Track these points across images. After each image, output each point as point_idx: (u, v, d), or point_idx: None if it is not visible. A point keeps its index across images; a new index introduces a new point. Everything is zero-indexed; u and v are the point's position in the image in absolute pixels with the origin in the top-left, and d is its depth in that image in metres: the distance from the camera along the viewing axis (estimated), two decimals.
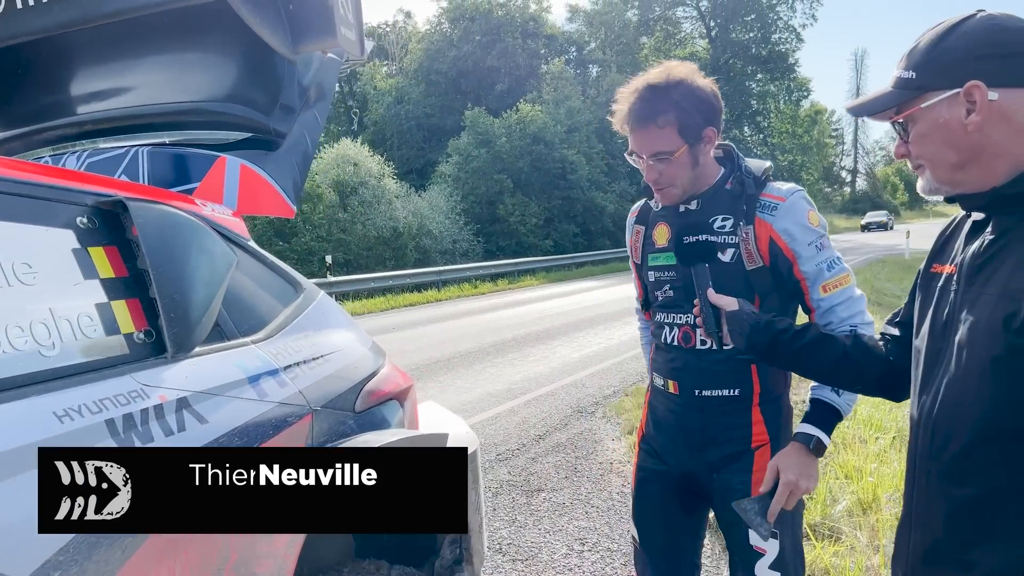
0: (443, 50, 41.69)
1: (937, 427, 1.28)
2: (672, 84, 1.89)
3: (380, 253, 25.10)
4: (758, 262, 1.93)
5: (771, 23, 52.52)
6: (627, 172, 37.22)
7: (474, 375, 8.65)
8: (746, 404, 2.00)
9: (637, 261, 2.21)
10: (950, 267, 1.36)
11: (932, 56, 1.27)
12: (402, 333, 12.66)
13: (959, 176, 1.29)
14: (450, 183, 31.36)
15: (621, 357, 9.55)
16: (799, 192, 1.96)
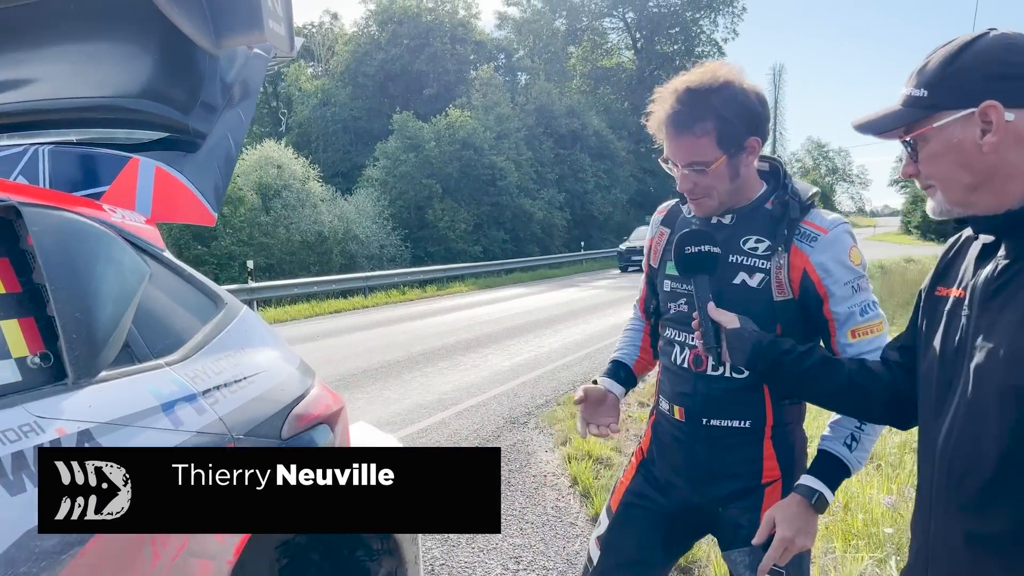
0: (371, 53, 41.14)
1: (955, 459, 1.23)
2: (714, 89, 1.73)
3: (304, 258, 24.52)
4: (788, 294, 1.78)
5: (695, 36, 53.77)
6: (555, 180, 37.51)
7: (403, 385, 8.44)
8: (757, 436, 1.86)
9: (653, 264, 2.06)
10: (957, 291, 1.32)
11: (945, 74, 1.23)
12: (327, 341, 12.32)
13: (972, 198, 1.26)
14: (377, 187, 30.92)
15: (553, 365, 9.50)
16: (844, 225, 1.79)
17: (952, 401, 1.25)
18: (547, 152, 38.06)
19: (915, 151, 1.30)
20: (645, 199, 49.26)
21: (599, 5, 53.84)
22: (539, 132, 37.96)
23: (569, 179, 39.03)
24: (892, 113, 1.31)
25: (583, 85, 51.08)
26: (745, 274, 1.80)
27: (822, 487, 1.71)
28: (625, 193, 44.42)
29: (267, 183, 24.97)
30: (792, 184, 1.87)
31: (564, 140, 39.72)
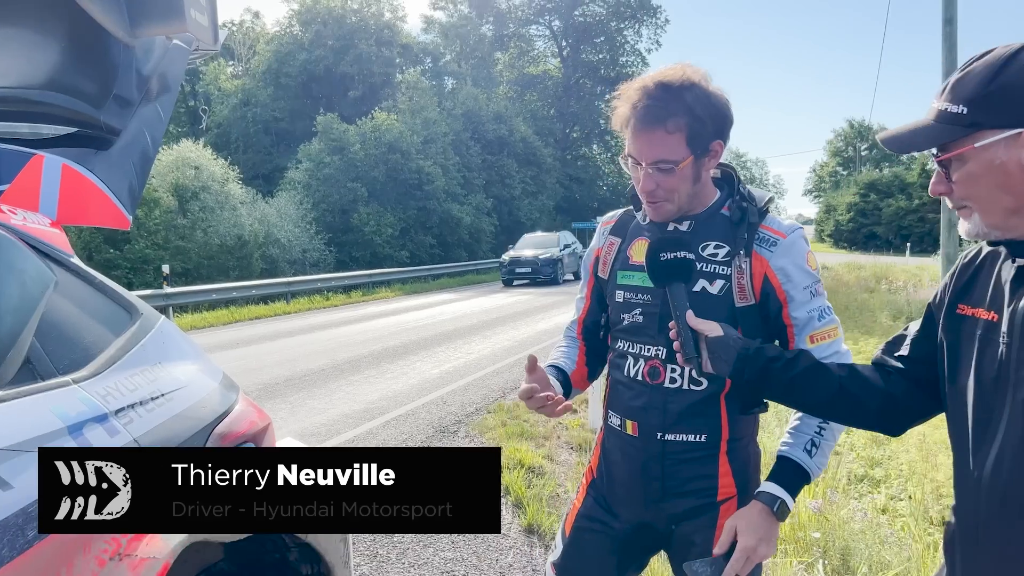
0: (293, 53, 40.29)
1: (1011, 491, 1.17)
2: (686, 86, 1.68)
3: (223, 262, 23.75)
4: (750, 299, 1.74)
5: (619, 46, 54.64)
6: (483, 185, 37.49)
7: (327, 394, 8.20)
8: (713, 451, 1.80)
9: (603, 275, 1.97)
10: (989, 313, 1.27)
11: (988, 92, 1.16)
12: (247, 349, 11.92)
13: (1012, 221, 1.20)
14: (300, 190, 30.25)
15: (482, 372, 9.40)
16: (800, 229, 1.78)
17: (998, 431, 1.20)
18: (474, 157, 38.01)
19: (947, 168, 1.24)
20: (571, 206, 49.77)
21: (525, 12, 54.18)
22: (466, 137, 37.88)
23: (496, 185, 39.09)
24: (926, 129, 1.24)
25: (510, 91, 51.26)
26: (705, 281, 1.75)
27: (784, 494, 1.68)
28: (552, 199, 44.78)
29: (184, 184, 24.09)
30: (748, 189, 1.84)
31: (491, 146, 39.76)
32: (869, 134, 78.63)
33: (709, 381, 1.76)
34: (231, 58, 44.97)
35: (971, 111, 1.17)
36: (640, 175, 1.74)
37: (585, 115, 53.45)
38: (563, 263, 25.93)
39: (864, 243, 51.21)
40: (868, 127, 78.10)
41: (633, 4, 53.46)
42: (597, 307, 2.04)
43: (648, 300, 1.82)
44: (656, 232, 1.85)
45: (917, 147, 1.26)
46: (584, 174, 52.65)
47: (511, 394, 8.12)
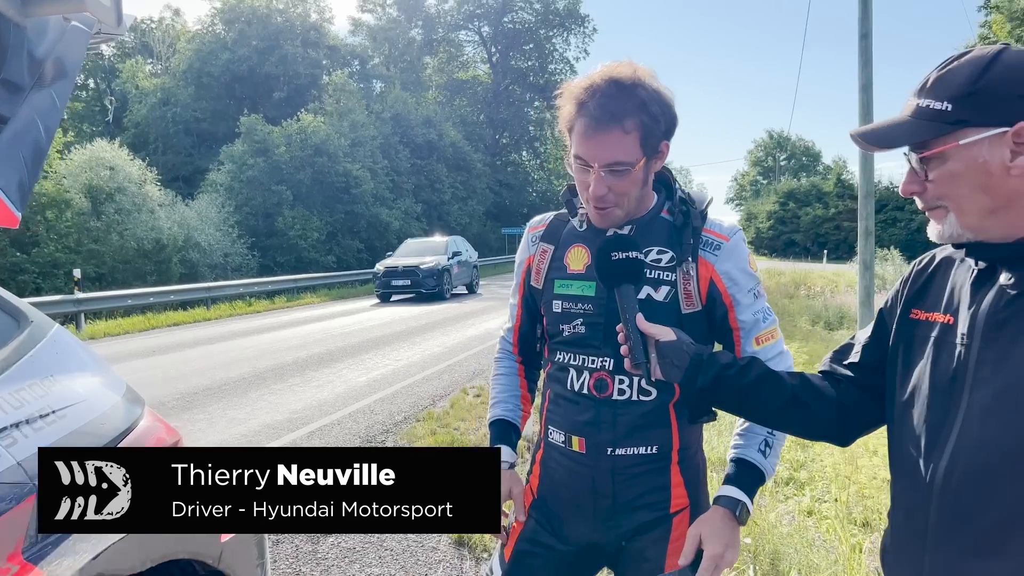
0: (216, 52, 39.16)
1: (962, 496, 1.15)
2: (638, 83, 1.58)
3: (140, 267, 22.85)
4: (696, 305, 1.67)
5: (548, 53, 55.05)
6: (412, 189, 37.16)
7: (249, 404, 7.90)
8: (664, 463, 1.72)
9: (536, 285, 1.86)
10: (944, 316, 1.25)
11: (974, 89, 1.13)
12: (164, 357, 11.42)
13: (987, 223, 1.17)
14: (222, 193, 29.38)
15: (412, 379, 9.22)
16: (740, 231, 1.73)
17: (951, 434, 1.18)
18: (403, 161, 37.63)
19: (924, 167, 1.20)
20: (501, 211, 49.87)
21: (455, 17, 54.09)
22: (395, 141, 37.48)
23: (426, 189, 38.81)
24: (906, 125, 1.20)
25: (439, 96, 51.04)
26: (650, 288, 1.67)
27: (744, 497, 1.62)
28: (482, 205, 44.76)
29: (98, 186, 23.07)
30: (686, 192, 1.77)
31: (421, 150, 39.47)
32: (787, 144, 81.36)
33: (658, 390, 1.69)
34: (150, 56, 43.47)
35: (956, 108, 1.14)
36: (590, 179, 1.63)
37: (515, 121, 53.65)
38: (451, 273, 22.13)
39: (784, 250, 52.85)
40: (787, 138, 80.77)
41: (562, 12, 53.98)
42: (528, 317, 1.94)
43: (590, 310, 1.72)
44: (592, 237, 1.76)
45: (898, 143, 1.21)
46: (514, 180, 52.82)
47: (441, 401, 7.98)
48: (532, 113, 55.97)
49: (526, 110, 55.38)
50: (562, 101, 1.64)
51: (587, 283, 1.73)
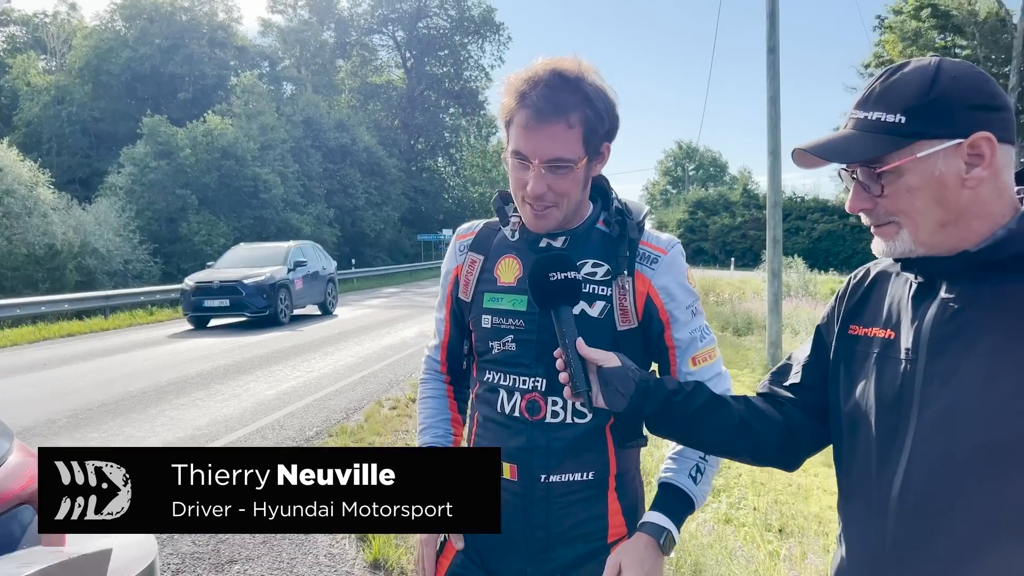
0: (116, 50, 37.46)
1: (918, 517, 1.13)
2: (583, 77, 1.48)
3: (31, 274, 21.58)
4: (632, 321, 1.57)
5: (463, 60, 55.08)
6: (324, 194, 36.41)
7: (149, 421, 7.45)
8: (601, 489, 1.61)
9: (464, 298, 1.72)
10: (884, 331, 1.24)
11: (928, 100, 1.10)
12: (57, 371, 10.71)
13: (939, 237, 1.14)
14: (123, 196, 28.09)
15: (324, 392, 8.91)
16: (678, 244, 1.64)
17: (903, 451, 1.16)
18: (315, 166, 36.84)
19: (875, 183, 1.15)
20: (417, 217, 49.50)
21: (369, 21, 53.47)
22: (307, 145, 36.66)
23: (339, 194, 38.09)
24: (858, 139, 1.15)
25: (353, 100, 50.27)
26: (585, 303, 1.56)
27: (670, 524, 1.52)
28: (396, 211, 44.27)
29: None
30: (623, 202, 1.67)
31: (333, 154, 38.73)
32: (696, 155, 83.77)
33: (594, 412, 1.57)
34: (43, 52, 41.22)
35: (910, 120, 1.11)
36: (529, 176, 1.51)
37: (430, 127, 53.40)
38: (292, 290, 17.12)
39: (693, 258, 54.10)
40: (695, 149, 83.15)
41: (477, 20, 54.11)
42: (457, 332, 1.80)
43: (521, 326, 1.60)
44: (525, 247, 1.65)
45: (855, 157, 1.16)
46: (429, 186, 52.52)
47: (355, 415, 7.72)
48: (448, 119, 55.86)
49: (441, 116, 55.20)
50: (502, 93, 1.53)
51: (518, 297, 1.61)
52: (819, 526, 4.58)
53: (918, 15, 36.59)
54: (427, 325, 15.75)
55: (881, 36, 39.67)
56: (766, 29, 11.41)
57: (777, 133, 11.36)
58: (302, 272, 17.73)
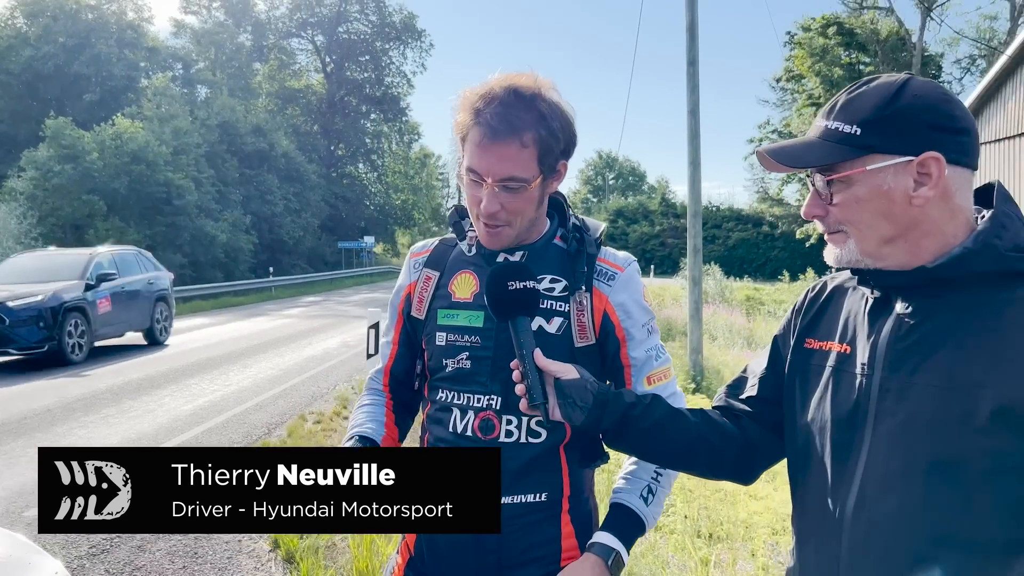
0: (16, 48, 35.60)
1: (872, 530, 1.14)
2: (539, 95, 1.47)
3: None
4: (590, 338, 1.56)
5: (385, 66, 54.58)
6: (241, 200, 35.43)
7: (54, 440, 7.05)
8: (555, 511, 1.58)
9: (417, 315, 1.68)
10: (840, 346, 1.25)
11: (884, 115, 1.13)
12: None
13: (885, 250, 1.16)
14: (23, 202, 26.62)
15: (244, 406, 8.61)
16: (635, 262, 1.66)
17: (858, 465, 1.17)
18: (231, 171, 35.79)
19: (827, 190, 1.17)
20: (337, 225, 48.72)
21: (287, 25, 52.42)
22: (222, 150, 35.57)
23: (256, 201, 37.10)
24: (816, 146, 1.18)
25: (270, 104, 49.10)
26: (542, 319, 1.55)
27: (619, 545, 1.51)
28: (316, 218, 43.47)
29: None
30: (581, 218, 1.68)
31: (250, 159, 37.74)
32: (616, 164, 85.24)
33: (549, 431, 1.56)
34: None
35: (865, 133, 1.14)
36: (483, 194, 1.50)
37: (351, 133, 52.67)
38: (92, 314, 12.49)
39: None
40: (615, 158, 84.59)
41: (398, 26, 53.75)
42: (407, 353, 1.75)
43: (477, 342, 1.58)
44: (482, 263, 1.62)
45: (807, 163, 1.19)
46: (350, 193, 51.74)
47: (277, 430, 7.49)
48: (369, 125, 55.24)
49: (363, 122, 54.55)
50: (457, 108, 1.52)
51: (474, 313, 1.58)
52: (746, 531, 4.68)
53: (825, 32, 38.26)
54: (350, 335, 15.49)
55: (792, 52, 41.28)
56: (686, 42, 11.68)
57: (697, 144, 11.63)
58: (111, 289, 13.14)
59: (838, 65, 37.93)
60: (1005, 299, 1.09)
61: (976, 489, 1.06)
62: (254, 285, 30.58)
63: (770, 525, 4.78)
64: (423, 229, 67.84)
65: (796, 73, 41.57)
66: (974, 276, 1.11)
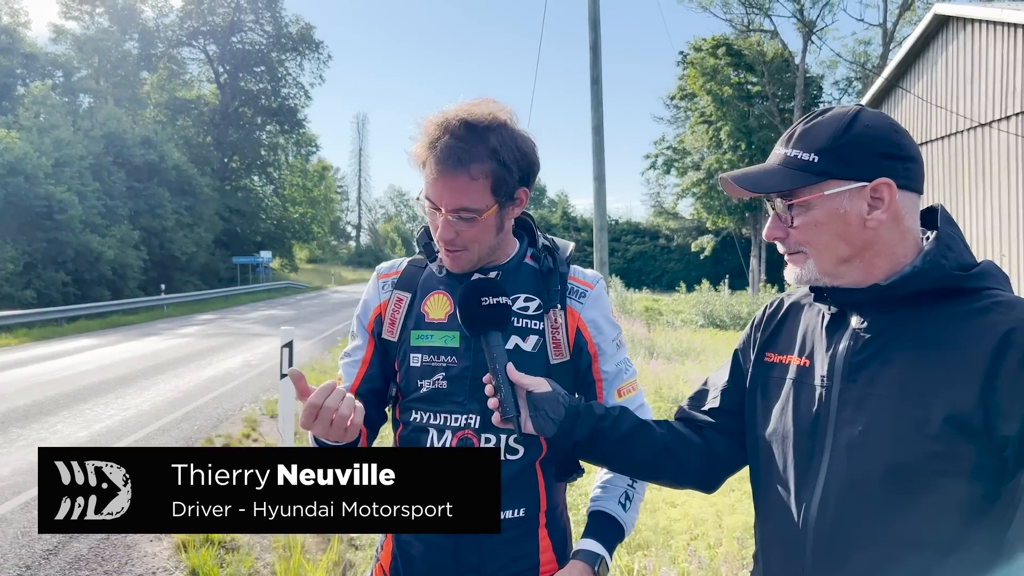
0: None
1: (835, 536, 1.20)
2: (493, 126, 1.50)
3: None
4: (565, 354, 1.61)
5: (281, 77, 53.35)
6: (129, 215, 33.81)
7: None
8: (532, 526, 1.61)
9: (389, 337, 1.67)
10: (799, 359, 1.33)
11: (839, 144, 1.22)
12: None
13: (842, 269, 1.25)
14: None
15: (145, 431, 8.21)
16: (602, 280, 1.70)
17: (819, 474, 1.23)
18: (119, 184, 34.09)
19: (788, 214, 1.26)
20: (232, 239, 47.15)
21: (177, 33, 50.48)
22: (108, 162, 33.84)
23: (146, 215, 35.45)
24: (776, 172, 1.26)
25: (160, 115, 47.08)
26: (518, 337, 1.60)
27: (603, 551, 1.56)
28: (211, 232, 41.92)
29: None
30: (550, 238, 1.74)
31: (139, 172, 36.06)
32: None
33: (526, 447, 1.60)
34: None
35: (822, 160, 1.22)
36: (438, 222, 1.54)
37: (246, 144, 51.12)
38: None
39: None
40: None
41: (295, 37, 52.69)
42: (379, 375, 1.74)
43: (453, 362, 1.60)
44: (458, 284, 1.64)
45: (769, 189, 1.27)
46: (246, 206, 50.13)
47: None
48: (265, 137, 53.78)
49: (258, 134, 53.07)
50: (416, 136, 1.55)
51: (449, 333, 1.61)
52: (665, 538, 4.81)
53: (715, 53, 39.94)
54: (252, 354, 15.02)
55: (684, 71, 42.87)
56: (589, 61, 11.99)
57: (602, 160, 11.96)
58: None
59: (728, 84, 39.67)
60: (952, 314, 1.19)
61: (928, 492, 1.14)
62: (145, 303, 29.16)
63: (688, 531, 4.94)
64: (322, 243, 66.58)
65: (689, 92, 43.21)
66: (923, 293, 1.21)
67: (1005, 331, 1.12)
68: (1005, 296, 1.19)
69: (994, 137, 9.55)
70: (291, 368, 1.53)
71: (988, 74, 9.74)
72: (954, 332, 1.17)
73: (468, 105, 1.53)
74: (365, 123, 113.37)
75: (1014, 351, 1.11)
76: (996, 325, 1.14)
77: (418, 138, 1.54)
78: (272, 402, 9.41)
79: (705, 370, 10.55)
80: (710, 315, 22.07)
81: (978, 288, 1.20)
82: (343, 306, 30.30)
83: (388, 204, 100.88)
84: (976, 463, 1.12)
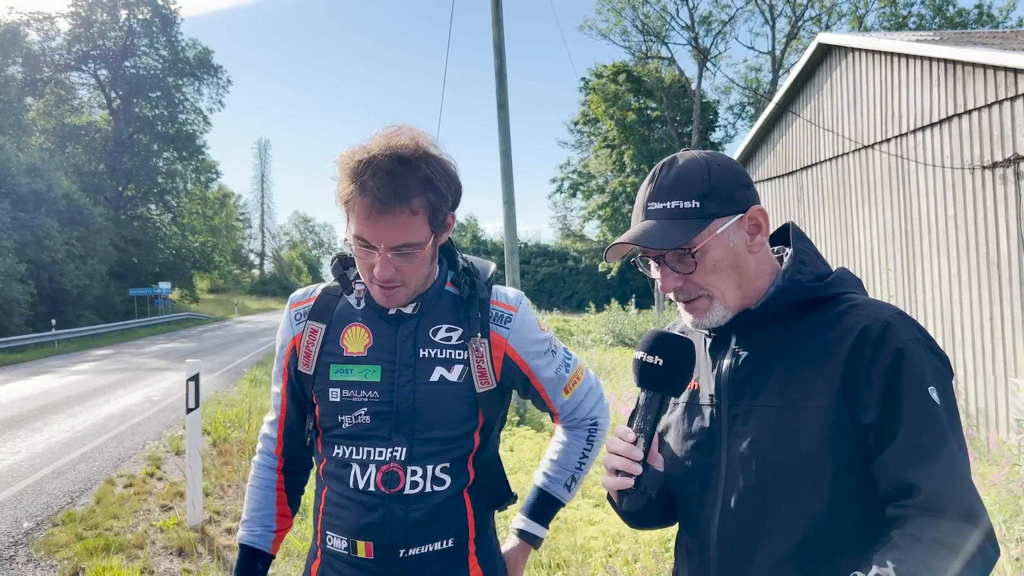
0: None
1: (739, 544, 1.26)
2: (423, 157, 1.46)
3: None
4: (491, 383, 1.60)
5: (178, 103, 51.66)
6: (14, 247, 31.95)
7: None
8: (462, 555, 1.60)
9: (305, 371, 1.62)
10: (690, 383, 1.37)
11: (711, 186, 1.29)
12: None
13: (738, 299, 1.33)
14: None
15: (38, 475, 7.72)
16: (525, 298, 1.70)
17: (718, 488, 1.30)
18: (2, 215, 32.20)
19: (688, 262, 1.29)
20: (128, 270, 45.15)
21: (65, 57, 48.22)
22: None
23: (33, 247, 33.53)
24: (667, 226, 1.28)
25: (47, 142, 44.78)
26: (443, 368, 1.58)
27: (543, 532, 1.70)
28: (105, 263, 39.99)
29: None
30: (469, 261, 1.72)
31: (25, 202, 34.13)
32: None
33: (452, 476, 1.59)
34: None
35: (704, 203, 1.29)
36: (375, 260, 1.49)
37: (142, 172, 49.09)
38: None
39: None
40: None
41: (192, 61, 51.18)
42: (295, 410, 1.71)
43: (375, 397, 1.57)
44: (374, 315, 1.61)
45: (674, 243, 1.28)
46: (143, 236, 48.07)
47: (82, 498, 6.81)
48: (162, 164, 51.86)
49: (155, 161, 51.08)
50: (337, 172, 1.49)
51: (370, 367, 1.58)
52: (583, 556, 4.86)
53: (616, 79, 41.11)
54: (152, 389, 14.38)
55: (587, 97, 43.91)
56: (495, 87, 12.15)
57: (510, 184, 12.11)
58: None
59: (629, 109, 40.85)
60: (817, 322, 1.30)
61: (819, 490, 1.21)
62: (33, 340, 27.50)
63: (606, 547, 5.00)
64: (224, 272, 64.49)
65: (592, 117, 44.27)
66: (789, 308, 1.32)
67: (859, 330, 1.22)
68: (859, 298, 1.30)
69: (877, 158, 10.19)
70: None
71: (869, 99, 10.40)
72: (820, 338, 1.28)
73: (388, 136, 1.49)
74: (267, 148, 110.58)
75: (867, 347, 1.21)
76: (852, 327, 1.24)
77: (339, 177, 1.48)
78: (177, 438, 9.04)
79: (617, 388, 10.76)
80: (619, 334, 22.56)
81: (835, 295, 1.31)
82: (248, 336, 29.41)
83: (293, 231, 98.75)
84: (854, 454, 1.20)
